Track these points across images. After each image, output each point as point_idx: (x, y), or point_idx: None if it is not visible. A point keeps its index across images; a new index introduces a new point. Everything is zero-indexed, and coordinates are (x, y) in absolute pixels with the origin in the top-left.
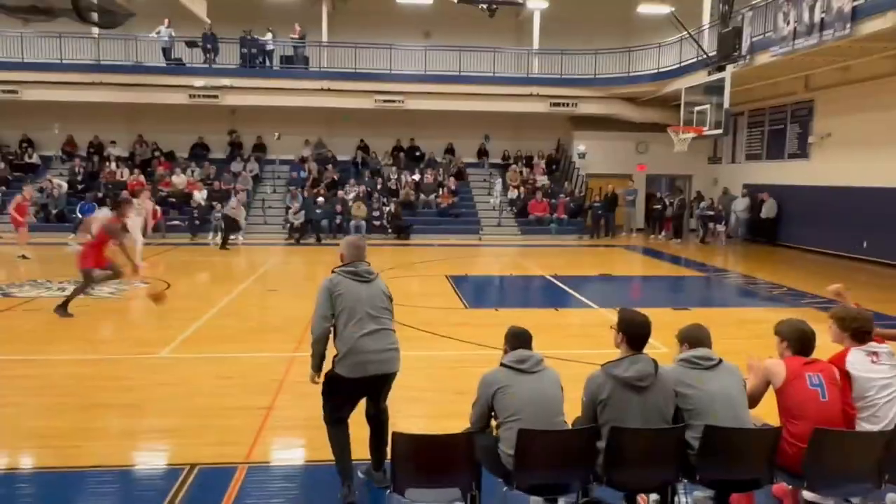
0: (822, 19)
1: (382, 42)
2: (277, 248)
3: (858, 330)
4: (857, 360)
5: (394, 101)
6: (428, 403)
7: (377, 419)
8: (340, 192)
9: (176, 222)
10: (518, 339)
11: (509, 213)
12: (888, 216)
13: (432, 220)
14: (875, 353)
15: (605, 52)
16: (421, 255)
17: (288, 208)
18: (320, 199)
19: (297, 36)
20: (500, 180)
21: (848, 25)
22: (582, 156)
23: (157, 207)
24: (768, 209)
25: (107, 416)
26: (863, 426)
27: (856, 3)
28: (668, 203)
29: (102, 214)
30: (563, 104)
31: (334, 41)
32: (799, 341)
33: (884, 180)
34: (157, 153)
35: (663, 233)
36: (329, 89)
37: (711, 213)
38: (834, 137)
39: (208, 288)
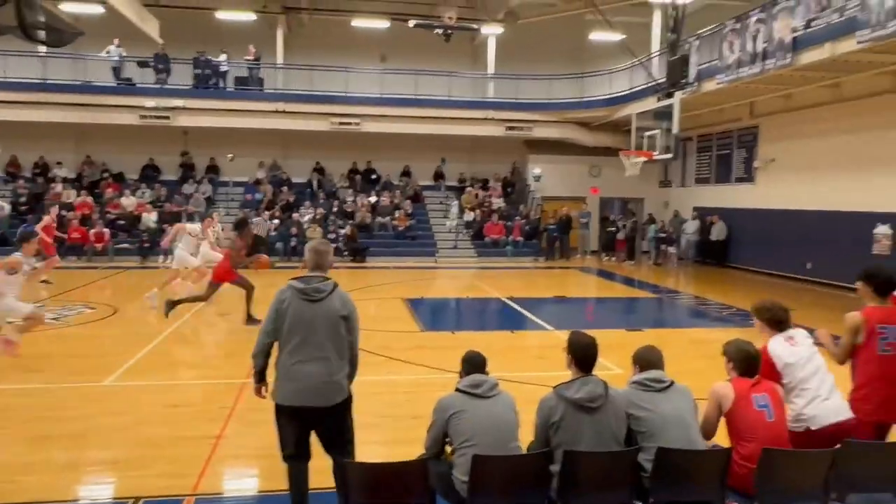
0: (765, 49)
1: (338, 65)
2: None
3: (773, 319)
4: (778, 347)
5: (350, 124)
6: (384, 429)
7: (334, 458)
8: (295, 215)
9: (125, 245)
10: (472, 363)
11: (465, 235)
12: (830, 238)
13: (389, 242)
14: (791, 337)
15: (559, 77)
16: (377, 277)
17: None
18: (275, 221)
19: (251, 57)
20: (456, 203)
21: (789, 55)
22: (537, 179)
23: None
24: (718, 232)
25: (47, 448)
26: (795, 402)
27: (796, 35)
28: (620, 225)
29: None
30: (519, 128)
31: (290, 63)
32: (744, 362)
33: (825, 204)
34: (105, 174)
35: (616, 255)
36: (284, 111)
37: (663, 235)
38: (778, 162)
39: (156, 313)
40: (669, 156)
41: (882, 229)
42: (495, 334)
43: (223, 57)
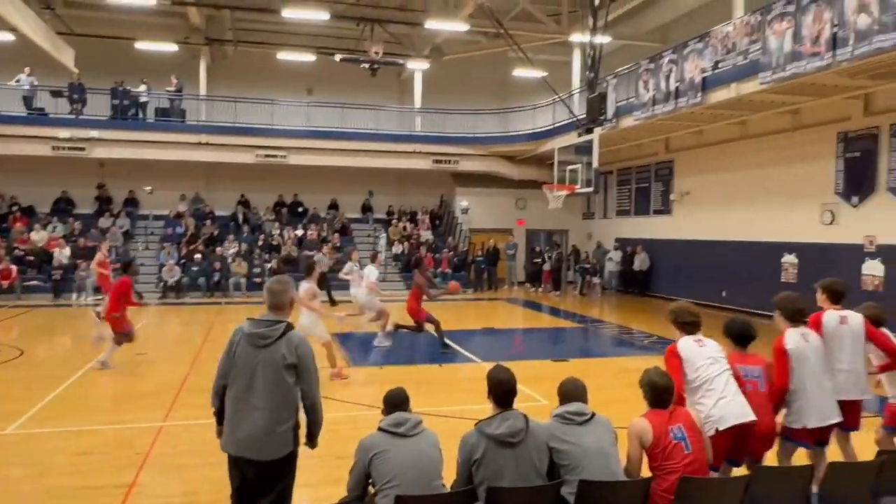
0: (677, 88)
1: (264, 97)
2: (149, 308)
3: (684, 322)
4: (686, 346)
5: (276, 157)
6: (307, 471)
7: None
8: (219, 249)
9: (35, 282)
10: (394, 402)
11: (394, 268)
12: (742, 268)
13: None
14: (700, 340)
15: (484, 112)
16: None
17: (162, 266)
18: (197, 255)
19: (173, 88)
20: (384, 235)
21: (699, 94)
22: (465, 211)
23: None
24: (641, 262)
25: None
26: (703, 403)
27: (705, 75)
28: (546, 257)
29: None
30: (446, 161)
31: (213, 94)
32: (650, 392)
33: (737, 234)
34: (14, 208)
35: (543, 286)
36: (207, 143)
37: (587, 266)
38: (693, 195)
39: (68, 353)
40: (590, 189)
41: (789, 258)
42: (424, 368)
43: (143, 87)
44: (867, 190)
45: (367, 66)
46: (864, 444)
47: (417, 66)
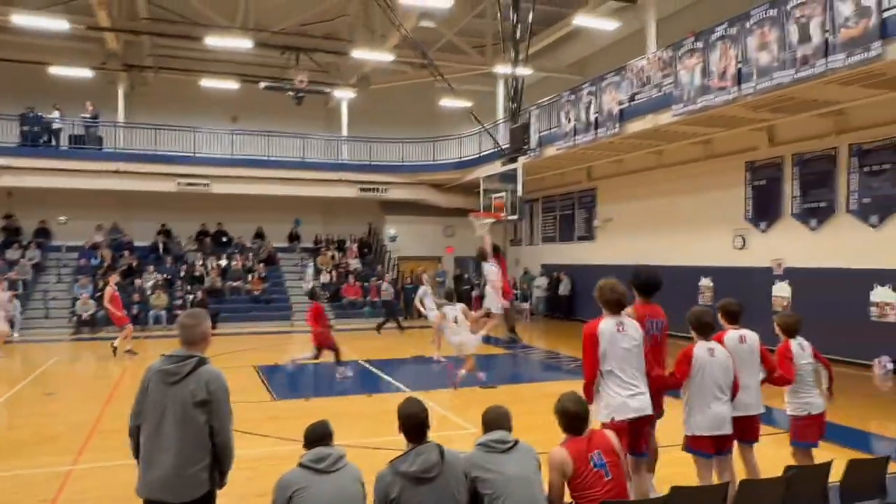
0: (597, 119)
1: (186, 124)
2: (62, 344)
3: (607, 300)
4: (606, 328)
5: (198, 185)
6: None
7: None
8: (138, 280)
9: None
10: (315, 437)
11: (322, 297)
12: (662, 291)
13: (241, 307)
14: (621, 324)
15: (411, 140)
16: (228, 345)
17: (76, 299)
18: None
19: (88, 115)
20: (312, 264)
21: (617, 125)
22: (393, 239)
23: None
24: (564, 287)
25: None
26: (614, 378)
27: (622, 107)
28: (475, 283)
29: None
30: (373, 189)
31: (132, 122)
32: (563, 419)
33: (656, 259)
34: None
35: (472, 312)
36: (125, 171)
37: (516, 292)
38: (615, 221)
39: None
40: (515, 217)
41: (705, 281)
42: (352, 399)
43: (55, 113)
44: (774, 216)
45: (292, 94)
46: (777, 460)
47: (344, 95)
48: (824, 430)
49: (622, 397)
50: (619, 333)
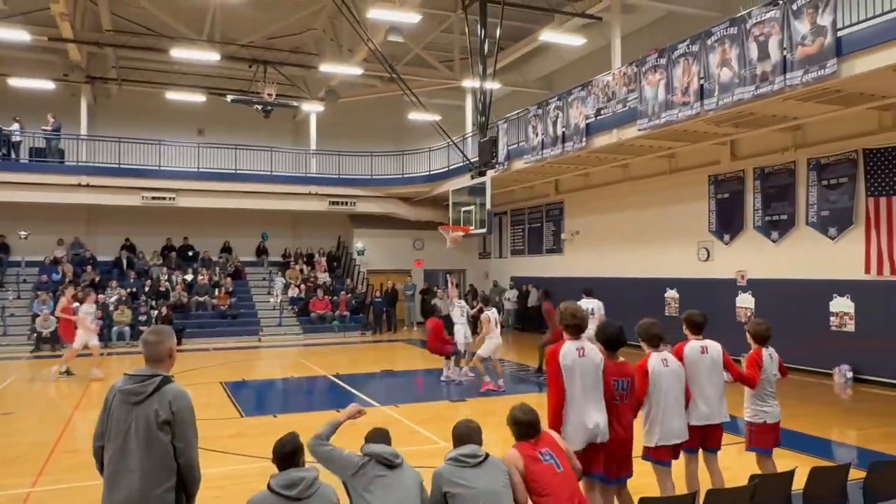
0: (564, 133)
1: (151, 137)
2: (20, 362)
3: (569, 325)
4: (568, 352)
5: (164, 199)
6: None
7: None
8: (101, 296)
9: None
10: (284, 453)
11: (290, 312)
12: (630, 303)
13: (208, 322)
14: (582, 349)
15: (381, 154)
16: (195, 361)
17: (35, 316)
18: (75, 304)
19: (49, 127)
20: (280, 279)
21: (584, 139)
22: (361, 253)
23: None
24: (533, 299)
25: None
26: (568, 417)
27: (589, 121)
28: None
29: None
30: (342, 203)
31: (95, 134)
32: (514, 427)
33: (623, 271)
34: None
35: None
36: (88, 185)
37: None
38: (582, 234)
39: None
40: (484, 230)
41: (671, 293)
42: (320, 414)
43: (15, 126)
44: (737, 228)
45: (259, 107)
46: (742, 469)
47: (312, 109)
48: (779, 438)
49: (581, 421)
50: (581, 358)
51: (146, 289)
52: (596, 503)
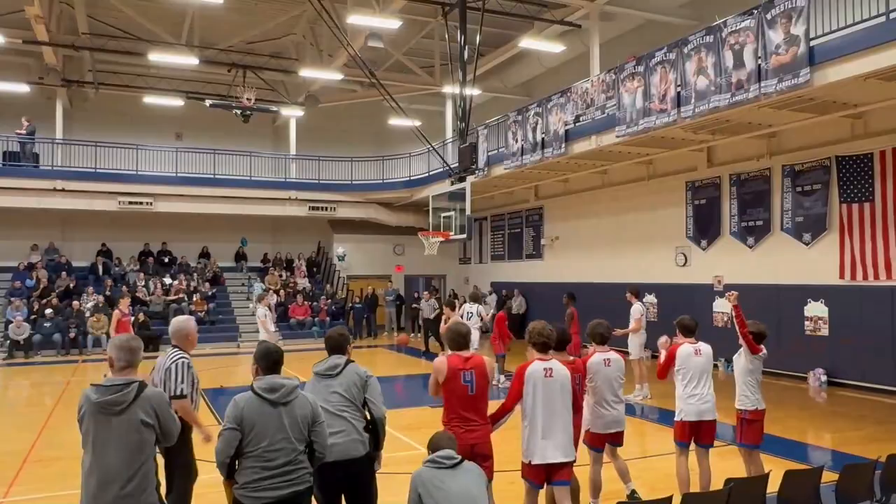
0: (543, 139)
1: (128, 141)
2: None
3: (535, 343)
4: (534, 371)
5: (141, 204)
6: None
7: None
8: (76, 303)
9: None
10: (270, 367)
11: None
12: (609, 308)
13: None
14: (549, 369)
15: (360, 159)
16: None
17: (8, 322)
18: (49, 310)
19: (23, 131)
20: (259, 284)
21: (563, 145)
22: (342, 258)
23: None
24: (518, 305)
25: None
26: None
27: (568, 127)
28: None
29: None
30: (322, 208)
31: (71, 138)
32: (452, 334)
33: (602, 276)
34: None
35: (422, 331)
36: (64, 189)
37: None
38: (561, 240)
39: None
40: (463, 236)
41: (649, 298)
42: None
43: None
44: (714, 234)
45: (238, 112)
46: (718, 473)
47: (292, 113)
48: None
49: (547, 444)
50: (548, 379)
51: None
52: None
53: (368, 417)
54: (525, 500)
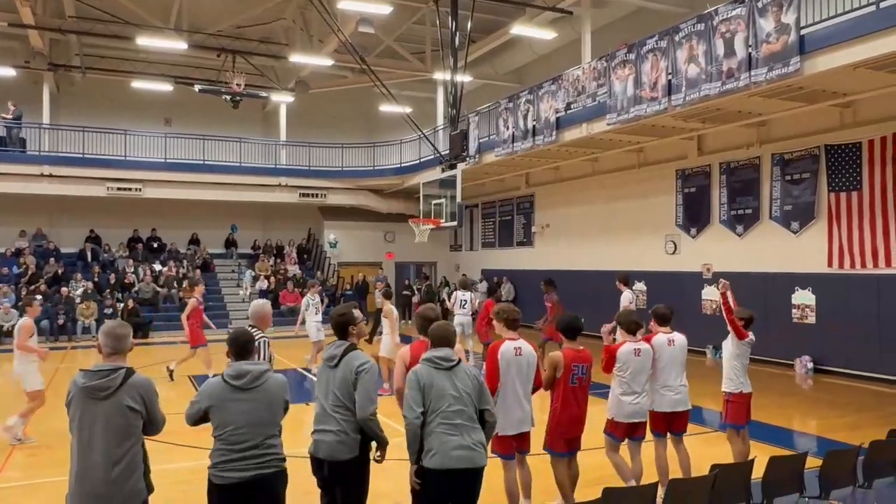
0: (534, 126)
1: (117, 127)
2: None
3: (509, 319)
4: (506, 351)
5: (130, 189)
6: None
7: None
8: (65, 289)
9: None
10: (238, 352)
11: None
12: (598, 295)
13: (175, 315)
14: (519, 348)
15: (351, 146)
16: (162, 354)
17: None
18: (38, 297)
19: (10, 115)
20: (249, 271)
21: (554, 133)
22: (333, 245)
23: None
24: (507, 292)
25: None
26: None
27: (559, 115)
28: (416, 289)
29: None
30: (312, 195)
31: (59, 123)
32: (422, 321)
33: (591, 264)
34: None
35: (413, 318)
36: (51, 175)
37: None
38: (552, 227)
39: None
40: (454, 223)
41: (639, 286)
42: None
43: None
44: (703, 222)
45: (228, 97)
46: (703, 459)
47: (282, 99)
48: (750, 413)
49: (515, 414)
50: (517, 357)
51: (111, 281)
52: (523, 476)
53: None
54: (506, 476)
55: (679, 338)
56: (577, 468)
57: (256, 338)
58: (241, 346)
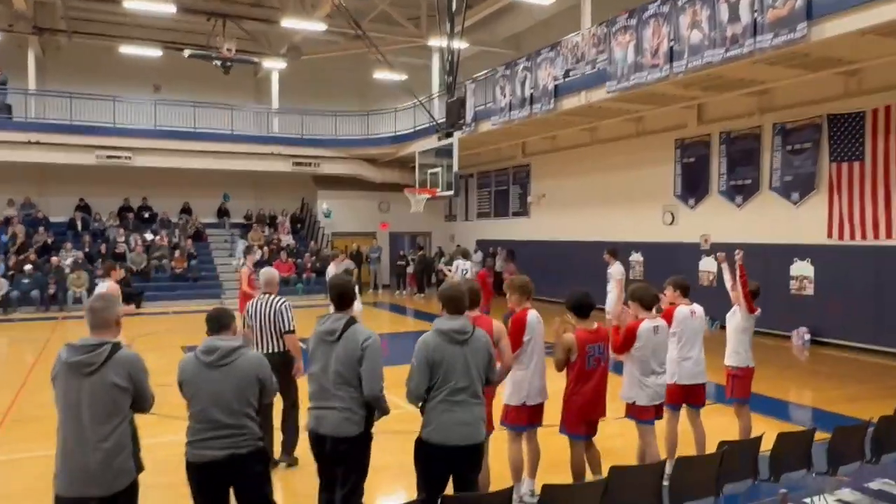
0: (532, 94)
1: (105, 93)
2: None
3: (524, 291)
4: (532, 319)
5: (119, 157)
6: (151, 501)
7: None
8: (55, 259)
9: None
10: (212, 328)
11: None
12: (591, 267)
13: (166, 285)
14: (539, 317)
15: (345, 114)
16: (154, 325)
17: None
18: (28, 266)
19: None
20: (242, 241)
21: (552, 101)
22: (327, 215)
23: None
24: (501, 263)
25: None
26: (517, 374)
27: (557, 83)
28: (410, 259)
29: None
30: (306, 164)
31: (45, 89)
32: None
33: (588, 234)
34: None
35: (408, 289)
36: (38, 142)
37: (451, 268)
38: (548, 197)
39: None
40: (450, 193)
41: (636, 256)
42: None
43: None
44: (702, 193)
45: (219, 63)
46: (711, 435)
47: (274, 66)
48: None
49: (541, 382)
50: (538, 324)
51: (102, 251)
52: (531, 453)
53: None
54: (510, 447)
55: (699, 309)
56: (596, 451)
57: (283, 302)
58: (216, 321)
